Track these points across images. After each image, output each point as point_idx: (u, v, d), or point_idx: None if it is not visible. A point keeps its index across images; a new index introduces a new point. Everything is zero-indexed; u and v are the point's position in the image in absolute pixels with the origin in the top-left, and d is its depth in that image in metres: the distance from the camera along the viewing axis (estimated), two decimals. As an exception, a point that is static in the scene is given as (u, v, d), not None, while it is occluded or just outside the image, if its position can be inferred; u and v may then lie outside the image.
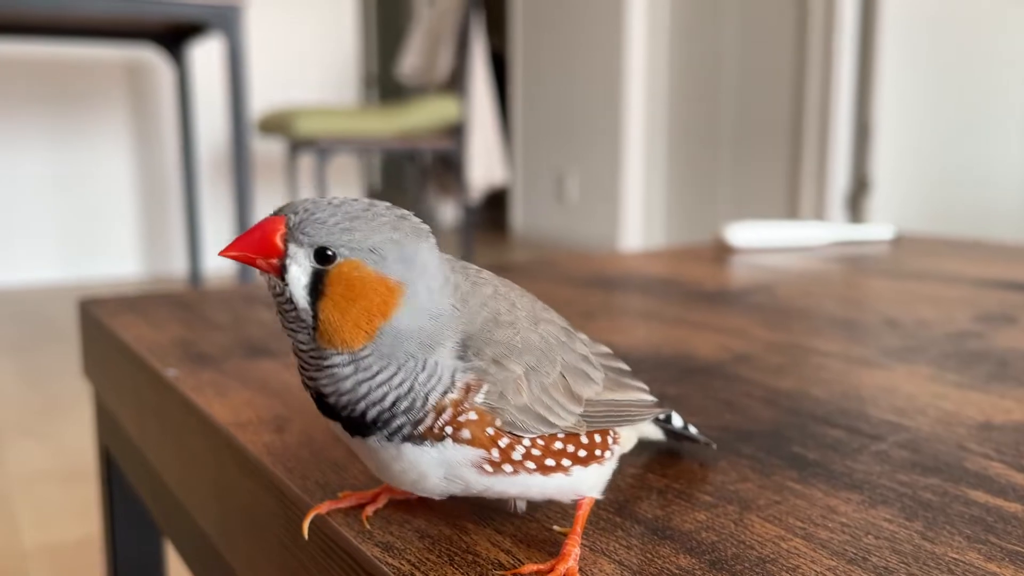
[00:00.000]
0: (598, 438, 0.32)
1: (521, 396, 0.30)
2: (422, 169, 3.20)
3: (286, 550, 0.36)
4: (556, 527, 0.33)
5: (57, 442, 1.51)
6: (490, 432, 0.29)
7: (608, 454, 0.33)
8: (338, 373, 0.29)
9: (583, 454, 0.32)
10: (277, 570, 0.37)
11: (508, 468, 0.30)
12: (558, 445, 0.31)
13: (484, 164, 2.85)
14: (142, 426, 0.58)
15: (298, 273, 0.29)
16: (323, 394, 0.30)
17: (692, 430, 0.39)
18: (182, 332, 0.64)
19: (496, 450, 0.30)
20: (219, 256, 0.28)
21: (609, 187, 3.80)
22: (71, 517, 1.21)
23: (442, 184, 3.08)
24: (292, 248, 0.28)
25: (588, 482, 0.32)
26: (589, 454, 0.32)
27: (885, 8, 2.82)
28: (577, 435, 0.32)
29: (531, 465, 0.30)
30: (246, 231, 0.29)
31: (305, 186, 3.31)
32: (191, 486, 0.49)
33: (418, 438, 0.29)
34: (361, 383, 0.29)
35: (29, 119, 3.05)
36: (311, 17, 3.44)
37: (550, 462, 0.31)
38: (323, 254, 0.28)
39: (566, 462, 0.31)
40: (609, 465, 0.33)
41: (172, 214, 3.29)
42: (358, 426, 0.30)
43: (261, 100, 3.18)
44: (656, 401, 0.36)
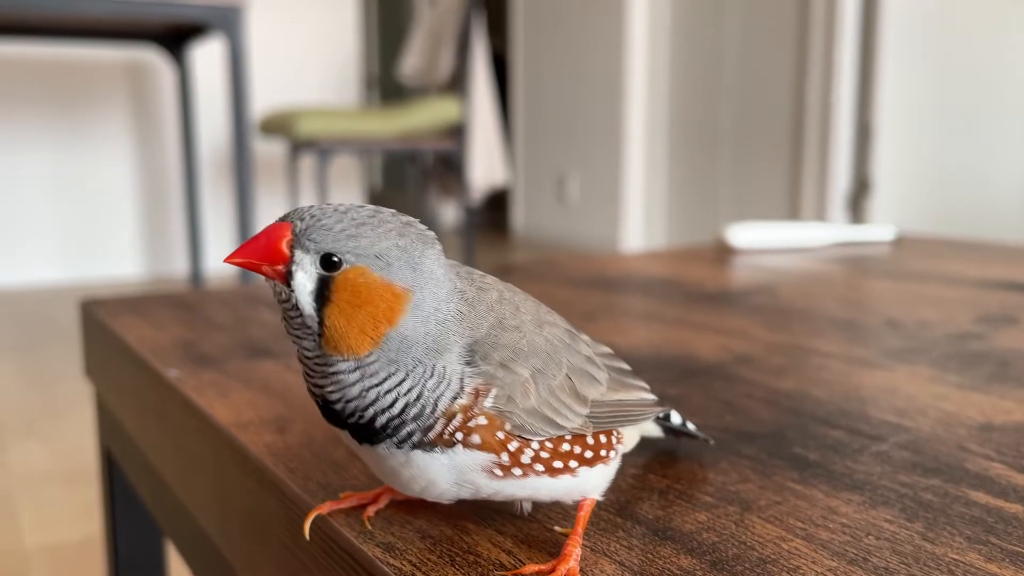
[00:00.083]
0: (603, 438, 0.33)
1: (529, 399, 0.30)
2: (423, 170, 3.20)
3: (287, 550, 0.36)
4: (557, 528, 0.33)
5: (58, 442, 1.51)
6: (500, 436, 0.29)
7: (613, 454, 0.33)
8: (344, 379, 0.29)
9: (589, 455, 0.32)
10: (278, 570, 0.38)
11: (518, 471, 0.30)
12: (566, 447, 0.31)
13: (485, 165, 2.85)
14: (143, 426, 0.58)
15: (304, 279, 0.29)
16: (329, 401, 0.30)
17: (690, 427, 0.39)
18: (183, 333, 0.64)
19: (506, 454, 0.30)
20: (224, 263, 0.28)
21: (610, 188, 3.80)
22: (72, 517, 1.21)
23: (443, 185, 3.08)
24: (298, 254, 0.28)
25: (593, 482, 0.32)
26: (595, 455, 0.32)
27: (886, 9, 2.82)
28: (584, 436, 0.32)
29: (540, 468, 0.30)
30: (251, 238, 0.29)
31: (306, 187, 3.32)
32: (192, 486, 0.49)
33: (428, 445, 0.29)
34: (368, 389, 0.29)
35: (30, 120, 3.06)
36: (312, 18, 3.44)
37: (558, 464, 0.31)
38: (329, 260, 0.28)
39: (573, 463, 0.31)
40: (613, 465, 0.33)
41: (173, 215, 3.29)
42: (366, 433, 0.30)
43: (262, 101, 3.18)
44: (657, 400, 0.36)
